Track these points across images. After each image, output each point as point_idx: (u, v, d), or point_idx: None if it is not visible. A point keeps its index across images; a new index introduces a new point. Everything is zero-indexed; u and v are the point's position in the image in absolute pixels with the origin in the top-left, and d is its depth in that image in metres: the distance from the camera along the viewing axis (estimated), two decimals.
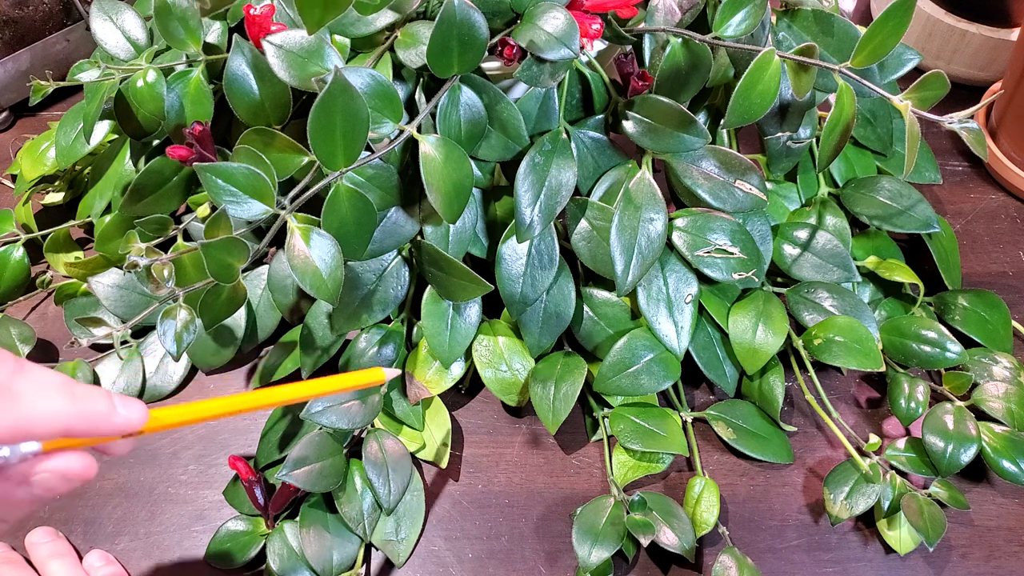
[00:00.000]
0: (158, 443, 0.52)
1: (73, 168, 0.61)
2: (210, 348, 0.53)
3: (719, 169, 0.50)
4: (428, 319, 0.49)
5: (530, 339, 0.51)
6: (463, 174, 0.44)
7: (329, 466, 0.46)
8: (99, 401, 0.30)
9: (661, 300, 0.51)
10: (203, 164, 0.40)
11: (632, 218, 0.48)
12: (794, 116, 0.53)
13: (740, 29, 0.46)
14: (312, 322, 0.50)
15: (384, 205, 0.47)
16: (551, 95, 0.49)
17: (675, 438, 0.49)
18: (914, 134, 0.44)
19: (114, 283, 0.53)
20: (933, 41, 0.72)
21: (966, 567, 0.47)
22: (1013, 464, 0.48)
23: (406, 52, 0.45)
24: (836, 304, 0.52)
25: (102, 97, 0.48)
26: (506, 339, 0.52)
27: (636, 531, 0.45)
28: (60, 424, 0.29)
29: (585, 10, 0.45)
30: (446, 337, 0.50)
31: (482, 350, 0.51)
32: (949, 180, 0.67)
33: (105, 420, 0.30)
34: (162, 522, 0.49)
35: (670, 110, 0.47)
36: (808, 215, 0.56)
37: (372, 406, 0.47)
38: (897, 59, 0.54)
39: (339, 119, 0.39)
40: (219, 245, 0.41)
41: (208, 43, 0.49)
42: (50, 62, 0.69)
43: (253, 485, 0.47)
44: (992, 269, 0.61)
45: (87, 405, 0.29)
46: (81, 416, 0.29)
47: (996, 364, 0.52)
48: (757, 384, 0.52)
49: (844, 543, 0.48)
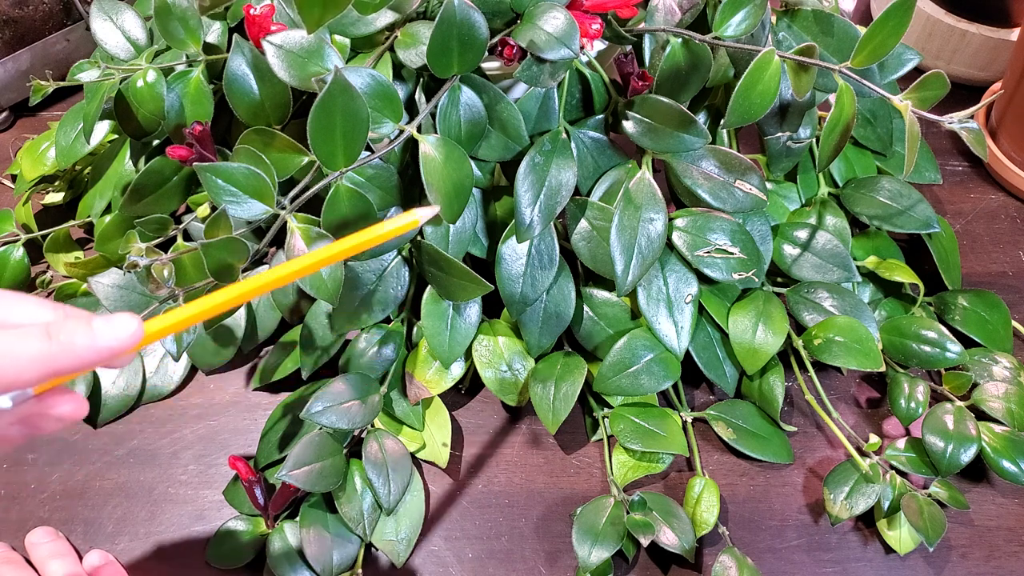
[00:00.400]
0: (158, 443, 0.52)
1: (73, 168, 0.61)
2: (210, 348, 0.53)
3: (719, 169, 0.50)
4: (428, 319, 0.49)
5: (530, 339, 0.51)
6: (463, 174, 0.44)
7: (329, 466, 0.46)
8: (78, 334, 0.28)
9: (661, 300, 0.51)
10: (203, 164, 0.40)
11: (632, 218, 0.48)
12: (794, 116, 0.53)
13: (740, 29, 0.46)
14: (312, 322, 0.50)
15: (384, 205, 0.47)
16: (551, 95, 0.49)
17: (675, 438, 0.49)
18: (914, 134, 0.44)
19: (114, 283, 0.53)
20: (933, 41, 0.72)
21: (966, 567, 0.47)
22: (1013, 464, 0.48)
23: (406, 52, 0.45)
24: (836, 304, 0.52)
25: (102, 97, 0.48)
26: (506, 339, 0.52)
27: (636, 531, 0.45)
28: (42, 368, 0.28)
29: (585, 10, 0.45)
30: (446, 337, 0.50)
31: (482, 350, 0.51)
32: (949, 180, 0.67)
33: (90, 351, 0.29)
34: (162, 522, 0.49)
35: (670, 110, 0.47)
36: (808, 215, 0.56)
37: (372, 406, 0.47)
38: (897, 59, 0.54)
39: (339, 119, 0.39)
40: (219, 245, 0.41)
41: (208, 43, 0.49)
42: (50, 62, 0.69)
43: (253, 485, 0.47)
44: (992, 269, 0.61)
45: (66, 341, 0.28)
46: (62, 354, 0.28)
47: (996, 364, 0.52)
48: (757, 384, 0.52)
49: (844, 543, 0.48)
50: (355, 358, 0.50)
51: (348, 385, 0.47)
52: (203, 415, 0.53)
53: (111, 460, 0.51)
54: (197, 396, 0.54)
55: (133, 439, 0.52)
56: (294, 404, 0.51)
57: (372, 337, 0.51)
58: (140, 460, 0.51)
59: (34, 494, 0.50)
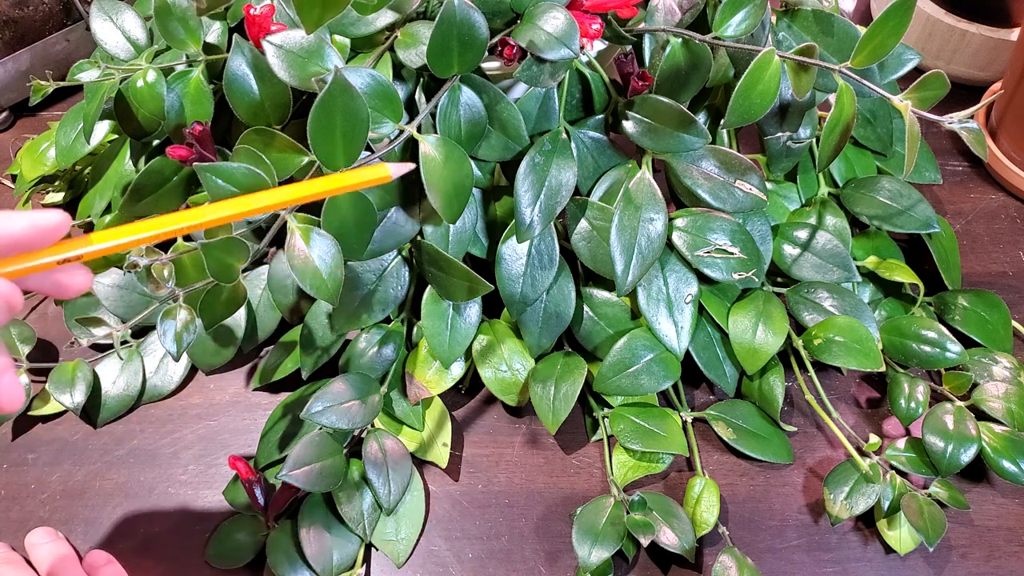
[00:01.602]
0: (158, 443, 0.52)
1: (73, 168, 0.61)
2: (210, 348, 0.53)
3: (719, 169, 0.50)
4: (428, 319, 0.49)
5: (530, 339, 0.51)
6: (463, 174, 0.44)
7: (329, 466, 0.46)
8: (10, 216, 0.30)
9: (661, 300, 0.51)
10: (203, 164, 0.40)
11: (632, 218, 0.48)
12: (794, 116, 0.53)
13: (740, 29, 0.46)
14: (312, 322, 0.50)
15: (384, 205, 0.47)
16: (551, 95, 0.49)
17: (675, 438, 0.49)
18: (914, 134, 0.44)
19: (114, 283, 0.53)
20: (933, 41, 0.72)
21: (966, 567, 0.47)
22: (1013, 464, 0.48)
23: (406, 52, 0.45)
24: (836, 304, 0.52)
25: (102, 97, 0.48)
26: (506, 339, 0.52)
27: (636, 531, 0.45)
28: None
29: (585, 10, 0.45)
30: (446, 337, 0.50)
31: (482, 350, 0.51)
32: (949, 180, 0.67)
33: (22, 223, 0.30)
34: (162, 522, 0.49)
35: (670, 110, 0.47)
36: (808, 215, 0.56)
37: (372, 406, 0.47)
38: (897, 59, 0.54)
39: (339, 119, 0.39)
40: (219, 245, 0.41)
41: (208, 43, 0.49)
42: (50, 62, 0.69)
43: (253, 485, 0.47)
44: (992, 269, 0.61)
45: None
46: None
47: (996, 364, 0.52)
48: (757, 384, 0.52)
49: (844, 543, 0.48)
50: (355, 358, 0.50)
51: (348, 385, 0.47)
52: (203, 415, 0.53)
53: (111, 460, 0.51)
54: (197, 396, 0.54)
55: (133, 439, 0.52)
56: (294, 404, 0.51)
57: (372, 337, 0.51)
58: (140, 460, 0.51)
59: (34, 494, 0.50)
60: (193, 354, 0.54)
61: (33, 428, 0.53)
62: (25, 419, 0.53)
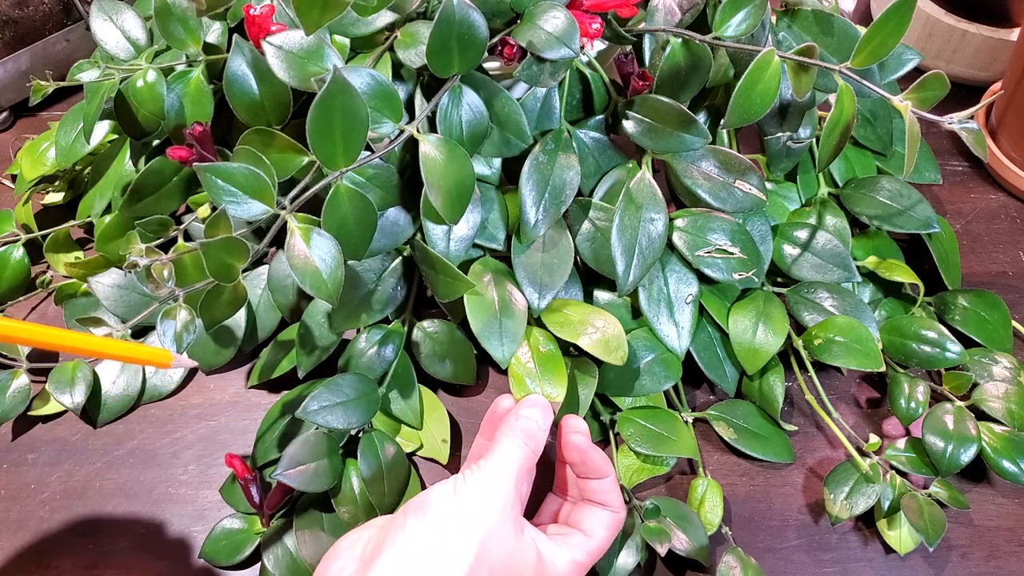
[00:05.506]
0: (158, 443, 0.52)
1: (73, 168, 0.61)
2: (210, 348, 0.53)
3: (719, 169, 0.50)
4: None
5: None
6: (464, 174, 0.44)
7: (324, 466, 0.45)
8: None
9: (662, 300, 0.51)
10: (203, 164, 0.40)
11: (633, 218, 0.48)
12: (794, 116, 0.53)
13: (740, 29, 0.46)
14: (309, 320, 0.50)
15: (384, 205, 0.47)
16: (552, 95, 0.49)
17: (685, 441, 0.49)
18: (914, 134, 0.44)
19: (114, 283, 0.53)
20: (933, 41, 0.72)
21: (966, 567, 0.47)
22: (1013, 464, 0.48)
23: (406, 52, 0.45)
24: (836, 304, 0.52)
25: (102, 97, 0.48)
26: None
27: (652, 539, 0.44)
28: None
29: (585, 10, 0.45)
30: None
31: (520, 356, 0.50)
32: (949, 180, 0.67)
33: None
34: (162, 522, 0.49)
35: (670, 110, 0.47)
36: (808, 215, 0.56)
37: (369, 406, 0.47)
38: (897, 59, 0.54)
39: (338, 119, 0.39)
40: (219, 245, 0.41)
41: (208, 43, 0.49)
42: (50, 62, 0.69)
43: (248, 483, 0.46)
44: (992, 269, 0.61)
45: None
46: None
47: (996, 364, 0.52)
48: (757, 384, 0.52)
49: (844, 543, 0.48)
50: (355, 358, 0.50)
51: (346, 384, 0.47)
52: (203, 415, 0.53)
53: (111, 460, 0.51)
54: (197, 396, 0.54)
55: (133, 439, 0.52)
56: (292, 403, 0.51)
57: (372, 337, 0.51)
58: (140, 460, 0.51)
59: (34, 494, 0.50)
60: (193, 354, 0.54)
61: (33, 428, 0.53)
62: (25, 419, 0.53)
